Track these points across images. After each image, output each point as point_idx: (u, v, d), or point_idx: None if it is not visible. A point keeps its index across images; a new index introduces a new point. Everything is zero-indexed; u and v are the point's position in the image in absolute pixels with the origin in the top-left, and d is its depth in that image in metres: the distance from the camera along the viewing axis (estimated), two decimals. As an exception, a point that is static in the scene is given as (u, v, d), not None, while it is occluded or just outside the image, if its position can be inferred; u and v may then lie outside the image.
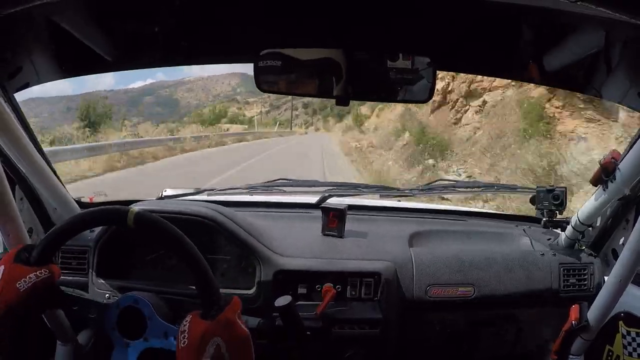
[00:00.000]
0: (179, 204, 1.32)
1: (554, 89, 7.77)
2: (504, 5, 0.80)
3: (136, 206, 1.03)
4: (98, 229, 1.21)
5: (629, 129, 6.64)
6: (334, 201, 1.46)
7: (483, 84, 11.57)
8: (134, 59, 1.10)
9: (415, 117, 14.93)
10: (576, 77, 1.03)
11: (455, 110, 12.76)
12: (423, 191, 1.59)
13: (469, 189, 1.72)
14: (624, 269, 1.04)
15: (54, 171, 1.20)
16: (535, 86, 8.39)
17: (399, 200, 1.78)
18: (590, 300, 1.18)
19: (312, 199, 1.54)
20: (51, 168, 1.19)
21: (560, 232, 1.42)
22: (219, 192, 1.56)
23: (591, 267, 1.32)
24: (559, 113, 8.60)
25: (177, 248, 0.80)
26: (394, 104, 14.12)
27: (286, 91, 0.96)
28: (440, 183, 1.70)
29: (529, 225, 1.53)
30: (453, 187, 1.71)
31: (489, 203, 6.45)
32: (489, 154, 10.01)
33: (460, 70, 1.24)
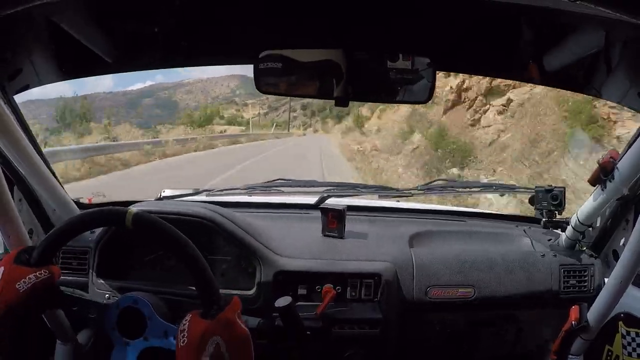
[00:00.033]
0: (177, 204, 1.32)
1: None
2: (504, 5, 0.80)
3: (135, 207, 1.03)
4: (98, 230, 1.22)
5: None
6: (333, 202, 1.46)
7: (507, 80, 9.40)
8: (134, 60, 1.10)
9: (425, 118, 13.67)
10: (576, 77, 1.03)
11: (473, 110, 11.45)
12: (422, 191, 1.59)
13: (467, 189, 1.72)
14: (625, 270, 1.04)
15: (52, 172, 1.20)
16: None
17: (397, 201, 1.78)
18: (590, 301, 1.18)
19: (311, 199, 1.54)
20: (50, 169, 1.18)
21: (560, 233, 1.42)
22: (218, 193, 1.56)
23: (592, 269, 1.32)
24: (615, 114, 7.27)
25: (176, 248, 0.80)
26: (397, 105, 13.14)
27: (286, 93, 0.96)
28: (439, 183, 1.70)
29: (529, 226, 1.52)
30: (452, 187, 1.71)
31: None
32: (527, 162, 8.51)
33: (460, 70, 1.24)
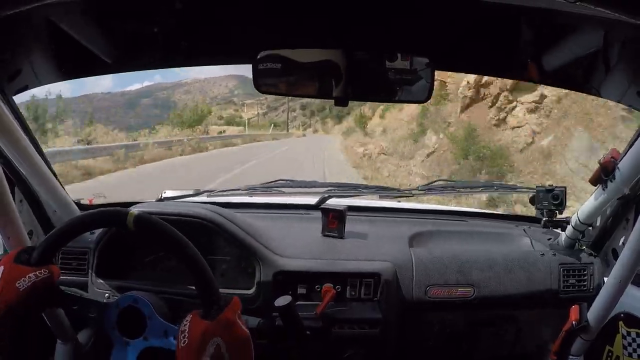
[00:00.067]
0: (178, 205, 1.32)
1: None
2: (503, 6, 0.80)
3: (136, 208, 1.03)
4: (98, 231, 1.22)
5: None
6: (334, 202, 1.46)
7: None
8: (133, 60, 1.10)
9: (439, 116, 11.84)
10: (575, 76, 1.03)
11: (496, 107, 9.96)
12: (422, 192, 1.59)
13: (468, 189, 1.72)
14: (624, 269, 1.04)
15: (53, 173, 1.20)
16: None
17: (398, 201, 1.78)
18: (590, 300, 1.18)
19: (312, 199, 1.54)
20: (51, 170, 1.19)
21: (560, 232, 1.42)
22: (218, 194, 1.56)
23: (591, 268, 1.32)
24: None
25: (176, 249, 0.80)
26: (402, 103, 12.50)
27: (285, 93, 0.96)
28: (440, 183, 1.70)
29: (529, 225, 1.53)
30: (452, 187, 1.72)
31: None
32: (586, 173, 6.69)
33: (460, 70, 1.24)
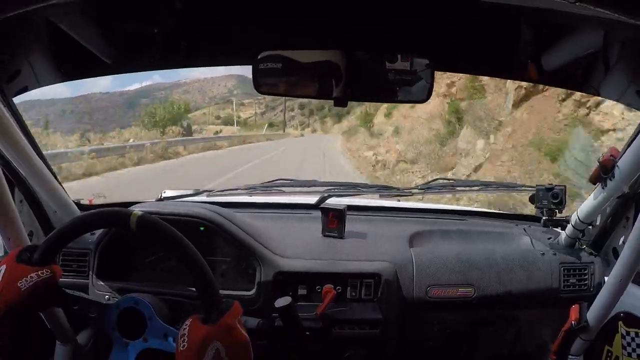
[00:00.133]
0: (178, 205, 1.32)
1: None
2: (503, 6, 0.80)
3: (137, 209, 1.02)
4: (99, 232, 1.22)
5: None
6: (333, 201, 1.46)
7: None
8: (133, 61, 1.10)
9: (484, 112, 8.98)
10: (574, 76, 1.03)
11: (573, 101, 7.24)
12: (422, 190, 1.59)
13: (468, 188, 1.72)
14: (624, 268, 1.04)
15: (53, 174, 1.20)
16: None
17: (398, 200, 1.78)
18: (590, 300, 1.18)
19: (312, 199, 1.54)
20: (51, 171, 1.18)
21: (560, 231, 1.42)
22: (218, 193, 1.56)
23: (591, 267, 1.32)
24: None
25: (178, 251, 0.80)
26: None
27: (285, 93, 0.96)
28: (440, 182, 1.70)
29: (529, 225, 1.52)
30: (452, 186, 1.71)
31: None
32: None
33: (459, 70, 1.24)
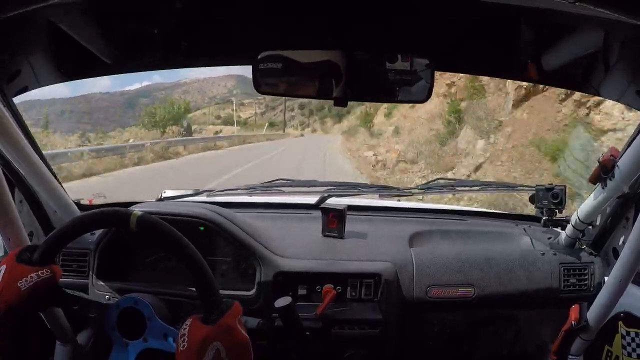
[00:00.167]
0: (178, 205, 1.32)
1: None
2: (503, 6, 0.80)
3: (136, 208, 1.02)
4: (98, 232, 1.22)
5: None
6: (333, 201, 1.46)
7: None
8: (133, 61, 1.10)
9: (483, 112, 9.33)
10: (574, 76, 1.03)
11: (572, 101, 7.26)
12: (422, 190, 1.59)
13: (467, 188, 1.72)
14: (624, 268, 1.04)
15: (53, 174, 1.20)
16: None
17: (398, 200, 1.78)
18: (590, 300, 1.18)
19: (312, 199, 1.54)
20: (51, 171, 1.18)
21: (560, 231, 1.42)
22: (218, 193, 1.56)
23: (591, 267, 1.32)
24: None
25: (178, 251, 0.80)
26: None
27: (285, 93, 0.96)
28: (439, 182, 1.70)
29: (529, 224, 1.52)
30: (452, 186, 1.71)
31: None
32: None
33: (459, 70, 1.24)
